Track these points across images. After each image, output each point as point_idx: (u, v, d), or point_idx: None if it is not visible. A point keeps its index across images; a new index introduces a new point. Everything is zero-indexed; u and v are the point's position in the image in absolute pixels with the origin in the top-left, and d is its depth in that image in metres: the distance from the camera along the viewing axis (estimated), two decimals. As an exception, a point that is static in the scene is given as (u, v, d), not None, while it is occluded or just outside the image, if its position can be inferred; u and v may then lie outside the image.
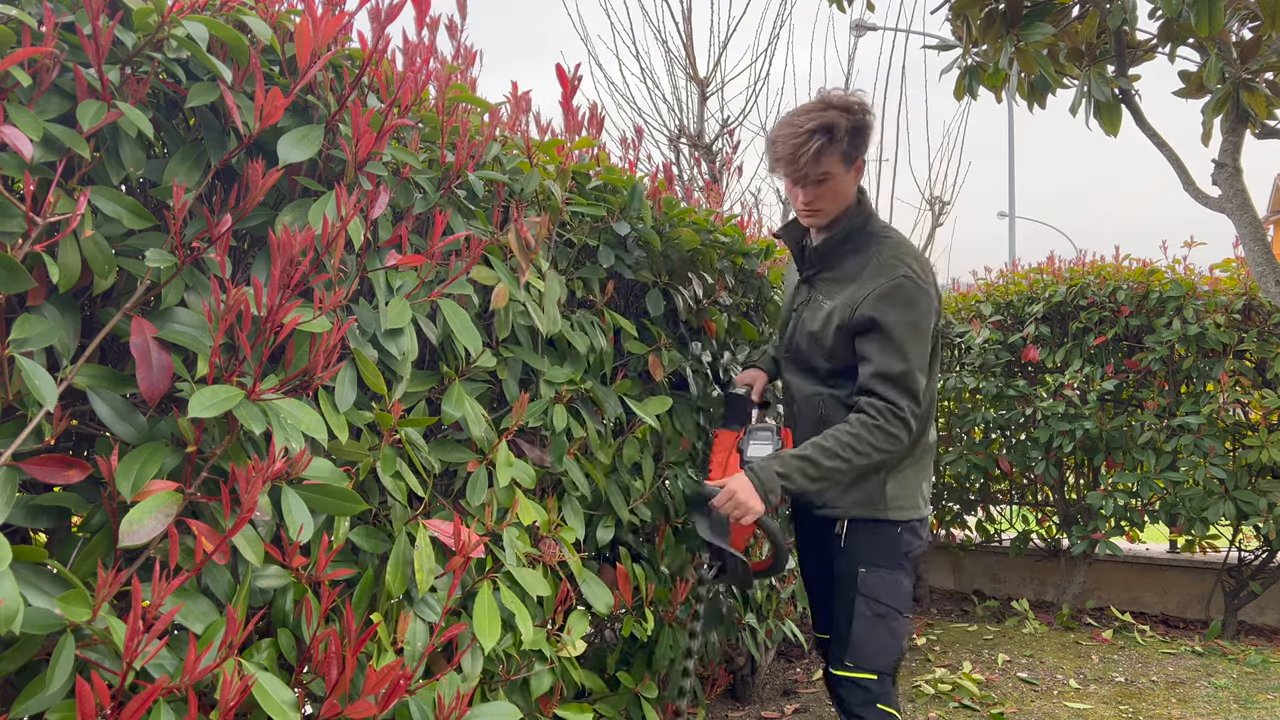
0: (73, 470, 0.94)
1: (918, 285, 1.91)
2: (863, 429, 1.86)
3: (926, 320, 1.92)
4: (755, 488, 1.83)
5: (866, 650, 1.96)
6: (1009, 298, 4.63)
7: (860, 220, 2.03)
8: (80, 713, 0.79)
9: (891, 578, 1.97)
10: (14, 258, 0.89)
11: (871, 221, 2.04)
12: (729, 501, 1.85)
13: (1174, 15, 2.39)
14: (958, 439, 4.79)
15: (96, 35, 0.96)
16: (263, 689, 0.97)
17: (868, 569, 1.97)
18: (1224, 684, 3.48)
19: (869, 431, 1.86)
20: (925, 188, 6.71)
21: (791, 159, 1.90)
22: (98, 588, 0.85)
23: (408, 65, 1.39)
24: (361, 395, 1.31)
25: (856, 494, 1.99)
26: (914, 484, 2.01)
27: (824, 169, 1.91)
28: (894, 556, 1.98)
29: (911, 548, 2.00)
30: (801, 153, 1.87)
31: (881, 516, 1.98)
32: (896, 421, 1.86)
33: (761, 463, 1.87)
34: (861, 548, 1.99)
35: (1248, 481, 3.92)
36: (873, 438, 1.86)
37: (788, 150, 1.90)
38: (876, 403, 1.87)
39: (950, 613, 4.65)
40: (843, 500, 2.00)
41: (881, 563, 1.97)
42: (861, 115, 1.93)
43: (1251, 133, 2.84)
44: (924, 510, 2.05)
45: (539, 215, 1.70)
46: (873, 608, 1.95)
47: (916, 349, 1.89)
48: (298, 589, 1.14)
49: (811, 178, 1.92)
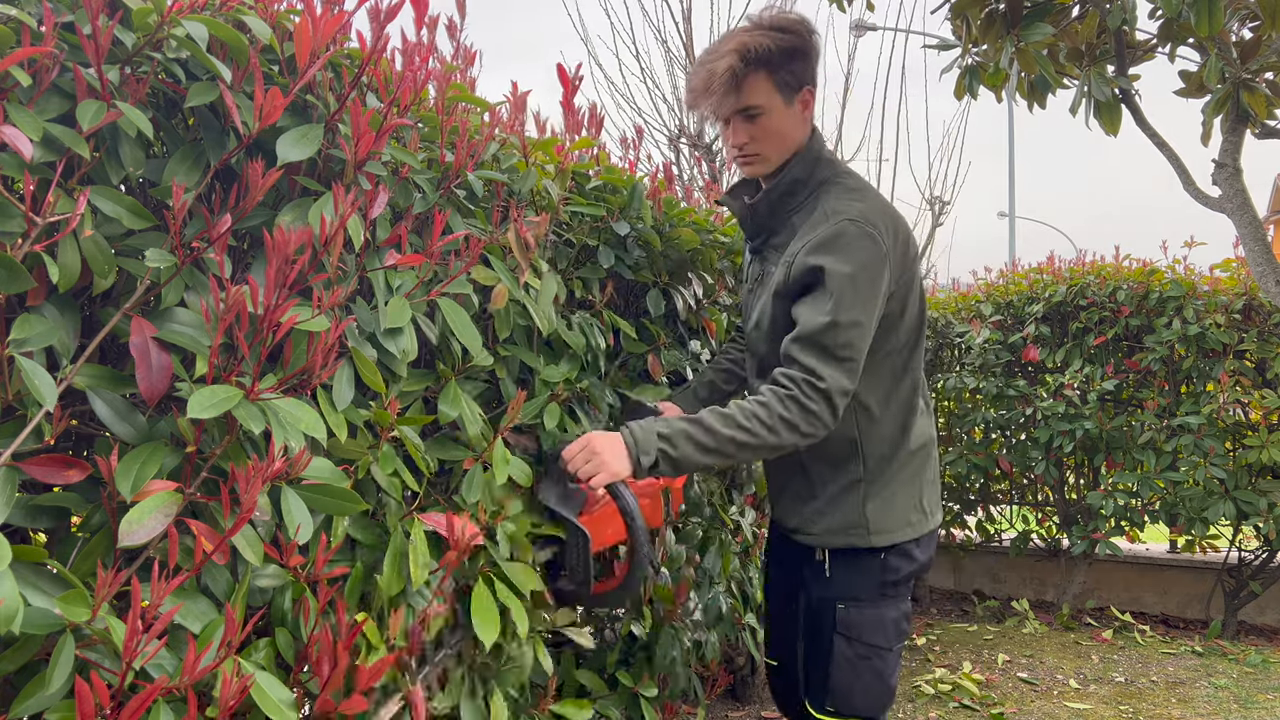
0: (73, 470, 0.94)
1: (863, 231, 1.54)
2: (773, 398, 1.50)
3: (875, 275, 1.53)
4: (626, 444, 1.48)
5: (851, 697, 1.69)
6: (1009, 298, 4.63)
7: (806, 166, 1.66)
8: (80, 713, 0.79)
9: (874, 613, 1.67)
10: (14, 258, 0.89)
11: (819, 168, 1.67)
12: (582, 453, 1.48)
13: (1174, 15, 2.39)
14: (958, 439, 4.79)
15: (96, 35, 0.96)
16: (260, 689, 0.97)
17: (846, 604, 1.68)
18: (1224, 684, 3.48)
19: (780, 402, 1.49)
20: (925, 188, 6.72)
21: (706, 86, 1.57)
22: (97, 588, 0.85)
23: (407, 65, 1.39)
24: (359, 394, 1.31)
25: (833, 517, 1.70)
26: (904, 500, 1.70)
27: (750, 99, 1.58)
28: (877, 587, 1.68)
29: (899, 574, 1.69)
30: (716, 79, 1.55)
31: (861, 544, 1.67)
32: (814, 395, 1.49)
33: (644, 424, 1.51)
34: (839, 580, 1.70)
35: (1248, 481, 3.92)
36: (785, 410, 1.49)
37: (702, 78, 1.58)
38: (793, 371, 1.52)
39: (950, 613, 4.65)
40: (817, 525, 1.71)
41: (861, 596, 1.68)
42: (798, 35, 1.59)
43: (1251, 133, 2.84)
44: (920, 527, 1.72)
45: (537, 215, 1.70)
46: (854, 649, 1.67)
47: (855, 308, 1.51)
48: (296, 588, 1.14)
49: (733, 108, 1.60)
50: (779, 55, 1.58)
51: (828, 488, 1.71)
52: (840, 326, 1.50)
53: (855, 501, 1.68)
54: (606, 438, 1.49)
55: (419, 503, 1.40)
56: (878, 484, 1.68)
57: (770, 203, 1.70)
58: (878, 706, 1.71)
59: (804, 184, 1.68)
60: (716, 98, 1.58)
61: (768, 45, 1.56)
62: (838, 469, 1.70)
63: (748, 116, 1.62)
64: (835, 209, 1.59)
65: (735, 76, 1.56)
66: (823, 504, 1.71)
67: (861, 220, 1.56)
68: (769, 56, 1.57)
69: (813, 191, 1.67)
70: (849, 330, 1.51)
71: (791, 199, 1.69)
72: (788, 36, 1.58)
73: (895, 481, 1.69)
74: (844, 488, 1.69)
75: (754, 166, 1.69)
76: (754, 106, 1.60)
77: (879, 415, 1.68)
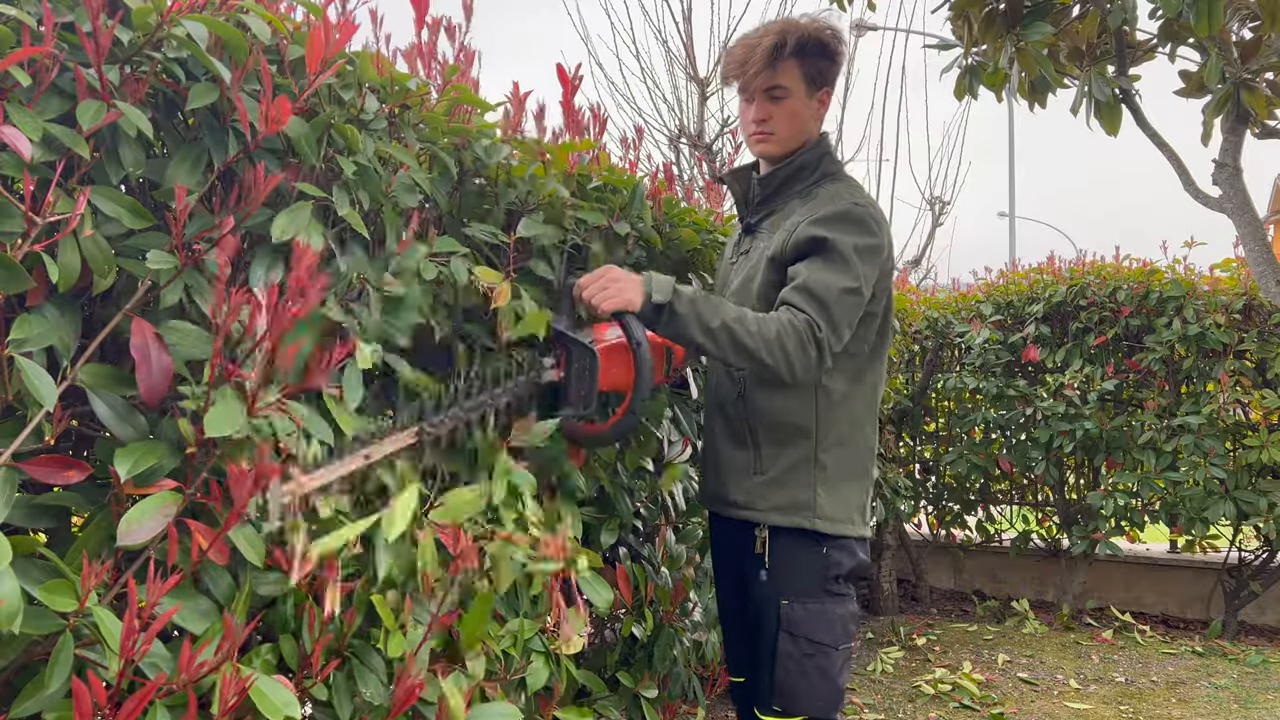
0: (72, 470, 0.94)
1: (869, 214, 1.65)
2: (779, 321, 1.54)
3: (873, 257, 1.63)
4: (643, 282, 1.53)
5: (798, 697, 1.65)
6: (1009, 298, 4.63)
7: (815, 156, 1.78)
8: (77, 712, 0.79)
9: (819, 609, 1.65)
10: (13, 258, 0.89)
11: (826, 161, 1.78)
12: (599, 280, 1.53)
13: (1174, 15, 2.39)
14: (958, 439, 4.79)
15: (96, 35, 0.96)
16: (260, 691, 0.96)
17: (791, 600, 1.65)
18: (1224, 684, 3.48)
19: (783, 327, 1.53)
20: (925, 188, 6.72)
21: (744, 60, 1.71)
22: (83, 578, 0.85)
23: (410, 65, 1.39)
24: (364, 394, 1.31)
25: (782, 494, 1.68)
26: (852, 495, 1.71)
27: (780, 79, 1.71)
28: (820, 582, 1.66)
29: (841, 569, 1.67)
30: (757, 53, 1.68)
31: (808, 526, 1.66)
32: (811, 340, 1.54)
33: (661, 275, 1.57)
34: (784, 573, 1.67)
35: (1248, 481, 3.92)
36: (786, 337, 1.53)
37: (741, 52, 1.72)
38: (798, 314, 1.56)
39: (950, 613, 4.65)
40: (765, 500, 1.69)
41: (808, 591, 1.66)
42: (833, 40, 1.74)
43: (1251, 133, 2.84)
44: (859, 528, 1.72)
45: (542, 219, 1.70)
46: (800, 646, 1.63)
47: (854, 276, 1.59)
48: (298, 594, 1.14)
49: (764, 85, 1.72)
50: (814, 49, 1.72)
51: (777, 461, 1.71)
52: (840, 289, 1.57)
53: (806, 481, 1.67)
54: (625, 272, 1.54)
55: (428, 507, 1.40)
56: (830, 469, 1.69)
57: (778, 179, 1.79)
58: (827, 707, 1.67)
59: (810, 170, 1.77)
60: (753, 71, 1.70)
61: (808, 37, 1.71)
62: (788, 444, 1.70)
63: (772, 96, 1.72)
64: (841, 194, 1.69)
65: (774, 55, 1.68)
66: (773, 477, 1.70)
67: (868, 206, 1.67)
68: (806, 47, 1.71)
69: (817, 181, 1.77)
70: (846, 295, 1.58)
71: (797, 181, 1.78)
72: (825, 37, 1.73)
73: (846, 472, 1.71)
74: (795, 463, 1.69)
75: (766, 144, 1.77)
76: (781, 87, 1.72)
77: (839, 400, 1.70)
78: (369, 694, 1.18)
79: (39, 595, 0.86)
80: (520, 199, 1.70)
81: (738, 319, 1.53)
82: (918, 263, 6.78)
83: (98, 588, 0.89)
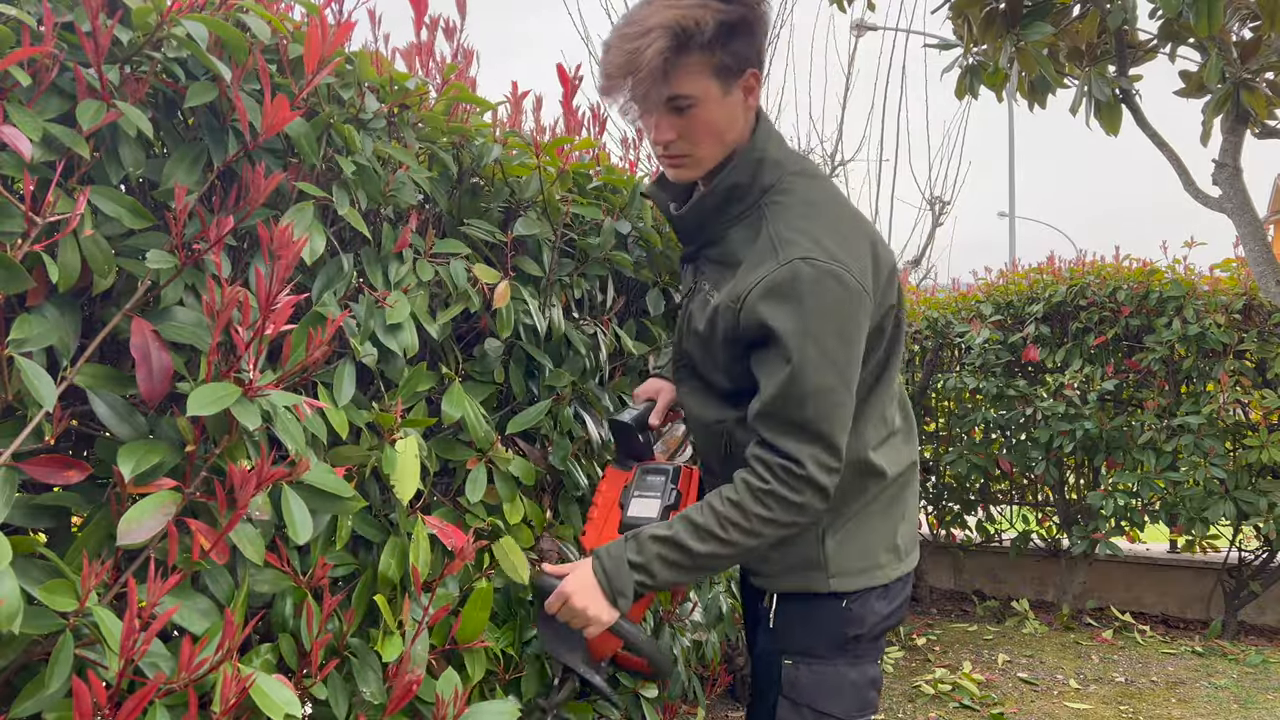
0: (72, 470, 0.94)
1: (823, 272, 1.24)
2: (748, 495, 1.27)
3: (845, 323, 1.26)
4: (600, 587, 1.29)
5: None
6: (1009, 298, 4.63)
7: (747, 168, 1.34)
8: (77, 712, 0.79)
9: (830, 672, 1.38)
10: (13, 258, 0.89)
11: (763, 171, 1.35)
12: (563, 609, 1.31)
13: (1174, 15, 2.39)
14: (958, 439, 4.79)
15: (96, 34, 0.96)
16: (260, 690, 0.96)
17: (795, 660, 1.38)
18: (1224, 684, 3.48)
19: (757, 499, 1.27)
20: (925, 188, 6.72)
21: (626, 71, 1.24)
22: (83, 578, 0.85)
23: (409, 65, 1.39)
24: (360, 395, 1.31)
25: (787, 554, 1.39)
26: (876, 537, 1.41)
27: (680, 87, 1.26)
28: (833, 641, 1.38)
29: (863, 627, 1.39)
30: (642, 63, 1.22)
31: (818, 589, 1.37)
32: (797, 484, 1.26)
33: (613, 550, 1.31)
34: (789, 630, 1.40)
35: (1248, 481, 3.92)
36: (763, 509, 1.26)
37: (621, 60, 1.25)
38: (766, 456, 1.28)
39: (950, 613, 4.65)
40: (769, 564, 1.41)
41: (815, 652, 1.38)
42: (743, 4, 1.28)
43: (1251, 132, 2.84)
44: (892, 570, 1.42)
45: (539, 217, 1.70)
46: (803, 716, 1.37)
47: (824, 371, 1.24)
48: (296, 593, 1.14)
49: (659, 99, 1.28)
50: (718, 33, 1.25)
51: None
52: (809, 397, 1.24)
53: (813, 536, 1.38)
54: (582, 588, 1.30)
55: (423, 502, 1.40)
56: (843, 515, 1.39)
57: (702, 213, 1.39)
58: None
59: (745, 191, 1.36)
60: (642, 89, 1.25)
61: (705, 20, 1.24)
62: None
63: (675, 109, 1.29)
64: (785, 238, 1.29)
65: (665, 61, 1.23)
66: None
67: (819, 258, 1.25)
68: (706, 35, 1.24)
69: (755, 202, 1.36)
70: (821, 400, 1.25)
71: (729, 209, 1.37)
72: (731, 7, 1.26)
73: (865, 514, 1.40)
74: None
75: (683, 170, 1.37)
76: (684, 97, 1.28)
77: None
78: (369, 692, 1.18)
79: (39, 595, 0.86)
80: (515, 196, 1.70)
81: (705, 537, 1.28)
82: (918, 263, 6.78)
83: (98, 587, 0.89)
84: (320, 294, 1.24)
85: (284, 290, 1.00)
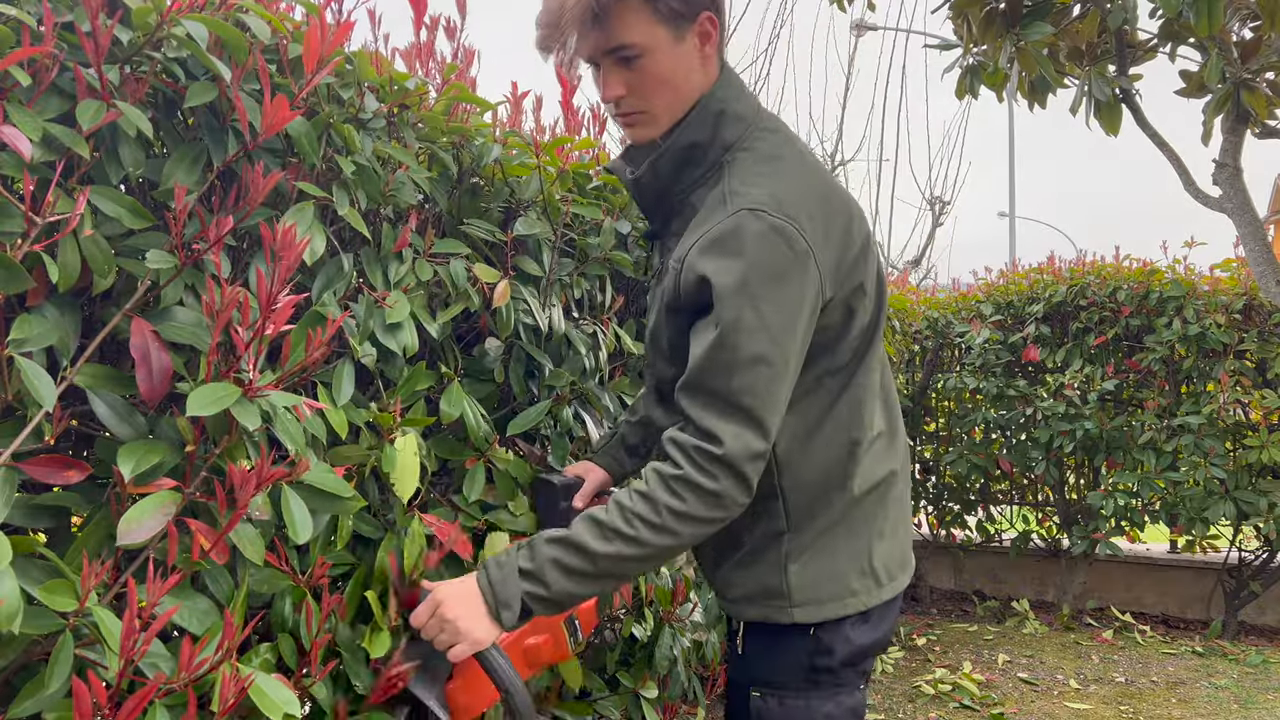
0: (72, 470, 0.94)
1: (769, 225, 1.09)
2: (658, 484, 1.11)
3: (785, 286, 1.10)
4: (484, 599, 1.13)
5: None
6: (1009, 298, 4.63)
7: (705, 124, 1.20)
8: (77, 712, 0.79)
9: (799, 707, 1.23)
10: (13, 258, 0.89)
11: (723, 126, 1.21)
12: (432, 620, 1.14)
13: (1174, 15, 2.39)
14: (958, 439, 4.79)
15: (96, 34, 0.96)
16: (260, 689, 0.96)
17: (763, 692, 1.25)
18: (1224, 684, 3.48)
19: (667, 488, 1.10)
20: (925, 188, 6.72)
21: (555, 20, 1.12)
22: (83, 578, 0.85)
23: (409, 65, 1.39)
24: (360, 394, 1.31)
25: (749, 579, 1.26)
26: (843, 560, 1.24)
27: (621, 35, 1.14)
28: (801, 674, 1.24)
29: (833, 659, 1.23)
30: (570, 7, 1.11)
31: (785, 620, 1.23)
32: (713, 467, 1.09)
33: (503, 558, 1.15)
34: (757, 659, 1.28)
35: (1248, 481, 3.92)
36: (675, 498, 1.10)
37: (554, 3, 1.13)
38: (681, 437, 1.12)
39: (950, 613, 4.65)
40: (732, 588, 1.29)
41: (782, 682, 1.25)
42: None
43: (1252, 132, 2.84)
44: (868, 596, 1.25)
45: (539, 217, 1.70)
46: None
47: (757, 336, 1.09)
48: (296, 593, 1.14)
49: (598, 49, 1.16)
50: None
51: (747, 535, 1.28)
52: (737, 366, 1.09)
53: (775, 560, 1.24)
54: (459, 595, 1.14)
55: (421, 499, 1.40)
56: (805, 536, 1.24)
57: (659, 177, 1.24)
58: None
59: (703, 150, 1.21)
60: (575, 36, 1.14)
61: None
62: (757, 515, 1.25)
63: (622, 59, 1.17)
64: (737, 190, 1.15)
65: (599, 6, 1.11)
66: (739, 558, 1.29)
67: (766, 209, 1.11)
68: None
69: (716, 161, 1.21)
70: (748, 370, 1.09)
71: (687, 171, 1.23)
72: None
73: (831, 535, 1.24)
74: (764, 539, 1.26)
75: (638, 129, 1.24)
76: (628, 46, 1.15)
77: (800, 449, 1.23)
78: (361, 686, 1.18)
79: (39, 595, 0.86)
80: (515, 196, 1.70)
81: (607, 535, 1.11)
82: (918, 263, 6.78)
83: (97, 588, 0.89)
84: (320, 294, 1.24)
85: (284, 290, 1.00)
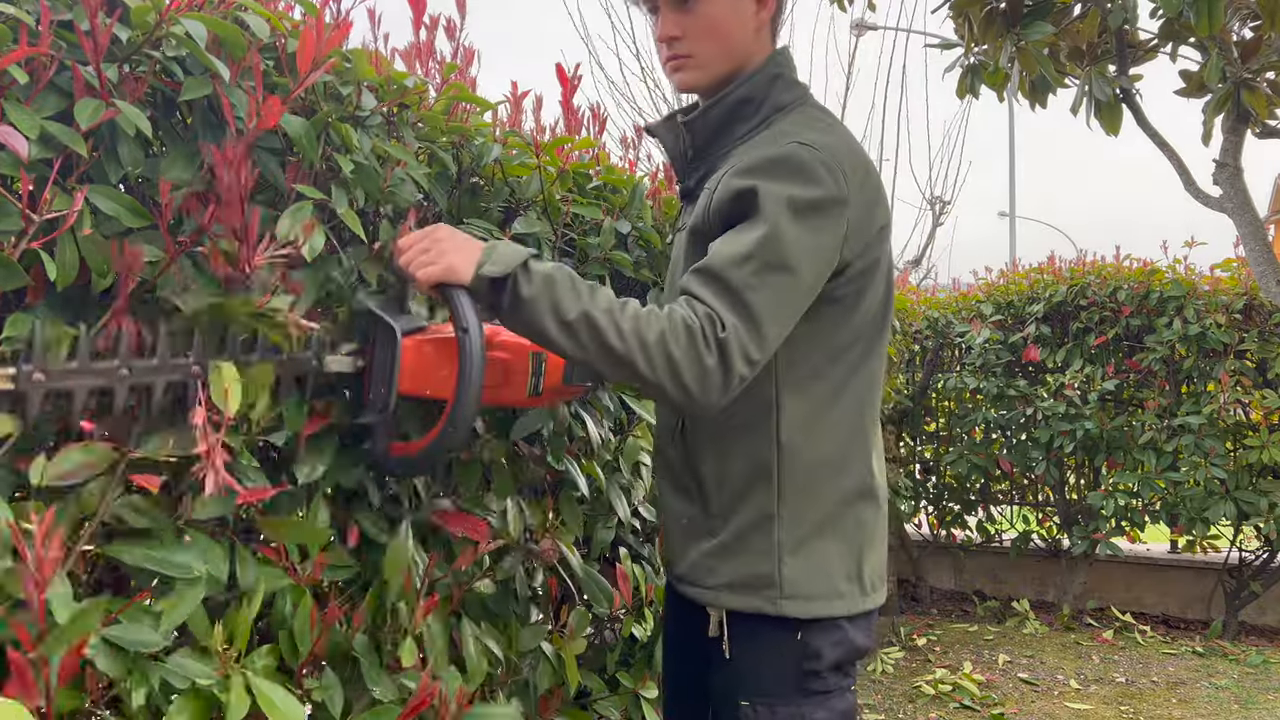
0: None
1: (820, 159, 1.14)
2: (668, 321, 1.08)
3: (824, 217, 1.13)
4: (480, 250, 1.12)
5: None
6: (1009, 298, 4.64)
7: (761, 83, 1.25)
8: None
9: (792, 714, 1.21)
10: (10, 256, 0.89)
11: (777, 89, 1.26)
12: (423, 241, 1.14)
13: (1174, 15, 2.39)
14: (958, 439, 4.79)
15: (94, 33, 0.95)
16: (266, 698, 0.96)
17: (753, 702, 1.21)
18: (1225, 684, 3.47)
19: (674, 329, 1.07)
20: (925, 188, 6.72)
21: None
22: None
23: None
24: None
25: (735, 565, 1.23)
26: (836, 559, 1.23)
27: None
28: (792, 679, 1.21)
29: (821, 662, 1.21)
30: None
31: (771, 611, 1.20)
32: (711, 343, 1.07)
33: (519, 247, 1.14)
34: (745, 665, 1.23)
35: (1249, 481, 3.92)
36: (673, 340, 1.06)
37: None
38: (694, 304, 1.10)
39: (950, 613, 4.65)
40: (714, 575, 1.25)
41: (775, 691, 1.21)
42: None
43: (1252, 132, 2.84)
44: (853, 602, 1.24)
45: (539, 217, 1.70)
46: None
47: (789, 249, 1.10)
48: (295, 592, 1.14)
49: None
50: None
51: (731, 519, 1.24)
52: (761, 265, 1.09)
53: (767, 545, 1.21)
54: (457, 234, 1.14)
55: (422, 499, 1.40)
56: (801, 526, 1.22)
57: (709, 126, 1.28)
58: None
59: (754, 106, 1.26)
60: None
61: None
62: (744, 494, 1.24)
63: (681, 2, 1.23)
64: (787, 131, 1.20)
65: None
66: (724, 541, 1.24)
67: (821, 148, 1.15)
68: None
69: (766, 118, 1.25)
70: (771, 274, 1.09)
71: (738, 121, 1.26)
72: None
73: (826, 530, 1.23)
74: (753, 521, 1.23)
75: (686, 73, 1.27)
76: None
77: (806, 430, 1.22)
78: (380, 692, 1.18)
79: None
80: (515, 196, 1.70)
81: (607, 310, 1.08)
82: (918, 262, 6.78)
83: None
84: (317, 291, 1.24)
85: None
